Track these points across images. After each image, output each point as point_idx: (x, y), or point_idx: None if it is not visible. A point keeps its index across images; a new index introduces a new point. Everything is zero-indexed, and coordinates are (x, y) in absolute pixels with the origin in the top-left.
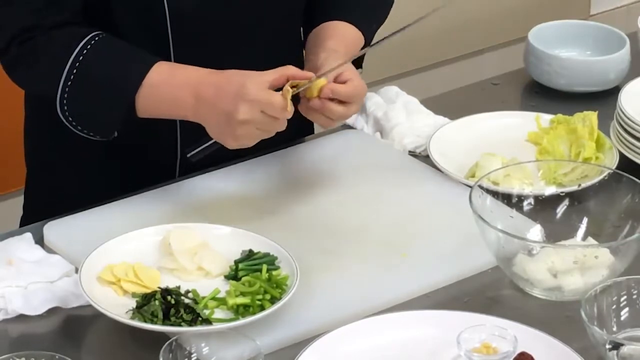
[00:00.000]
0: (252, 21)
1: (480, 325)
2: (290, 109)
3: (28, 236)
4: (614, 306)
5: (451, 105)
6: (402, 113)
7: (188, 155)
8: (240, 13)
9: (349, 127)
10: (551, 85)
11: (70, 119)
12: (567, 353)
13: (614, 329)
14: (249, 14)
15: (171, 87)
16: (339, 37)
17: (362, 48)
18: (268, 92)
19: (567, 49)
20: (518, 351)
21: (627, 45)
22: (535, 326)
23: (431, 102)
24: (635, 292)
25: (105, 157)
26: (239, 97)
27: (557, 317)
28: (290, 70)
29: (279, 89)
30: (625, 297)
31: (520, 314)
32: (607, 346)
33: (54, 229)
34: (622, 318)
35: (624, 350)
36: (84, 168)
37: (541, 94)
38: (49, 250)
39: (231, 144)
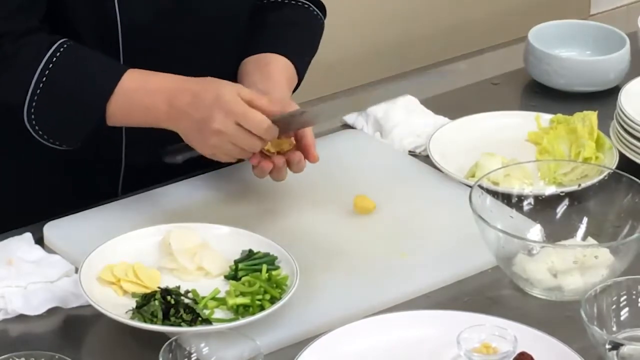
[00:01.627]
0: (201, 36)
1: (480, 325)
2: (274, 133)
3: (28, 236)
4: (614, 306)
5: (451, 105)
6: (402, 113)
7: (163, 156)
8: (190, 28)
9: (349, 127)
10: (551, 85)
11: (37, 127)
12: (567, 353)
13: (614, 329)
14: (199, 29)
15: (144, 94)
16: (279, 66)
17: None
18: (244, 103)
19: (567, 48)
20: (518, 351)
21: (627, 45)
22: (535, 326)
23: (431, 102)
24: (635, 292)
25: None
26: (215, 106)
27: (557, 317)
28: (262, 100)
29: None
30: (625, 297)
31: (520, 314)
32: (607, 346)
33: (54, 229)
34: (622, 318)
35: (624, 350)
36: (30, 179)
37: (541, 94)
38: (49, 250)
39: (206, 152)
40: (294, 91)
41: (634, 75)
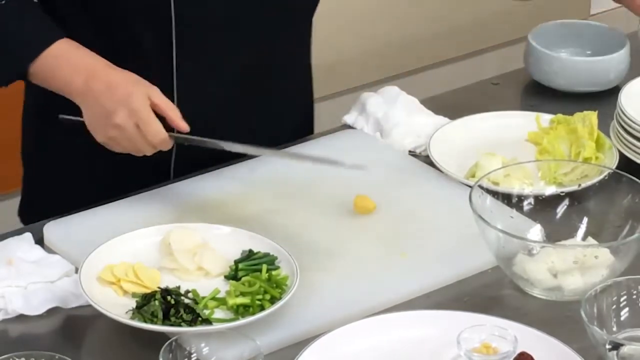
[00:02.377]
0: (253, 21)
1: (480, 325)
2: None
3: (28, 236)
4: (614, 306)
5: (451, 105)
6: (402, 113)
7: (60, 117)
8: (242, 12)
9: (349, 127)
10: (551, 85)
11: None
12: (567, 353)
13: (614, 329)
14: (251, 13)
15: (66, 66)
16: None
17: None
18: (150, 110)
19: (567, 49)
20: (518, 351)
21: (627, 45)
22: (535, 326)
23: (431, 102)
24: (635, 292)
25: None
26: (122, 103)
27: (557, 317)
28: (171, 112)
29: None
30: (625, 297)
31: (520, 314)
32: (607, 346)
33: (54, 229)
34: (622, 318)
35: (624, 350)
36: (79, 166)
37: (541, 94)
38: (49, 250)
39: (100, 139)
40: None
41: (634, 75)
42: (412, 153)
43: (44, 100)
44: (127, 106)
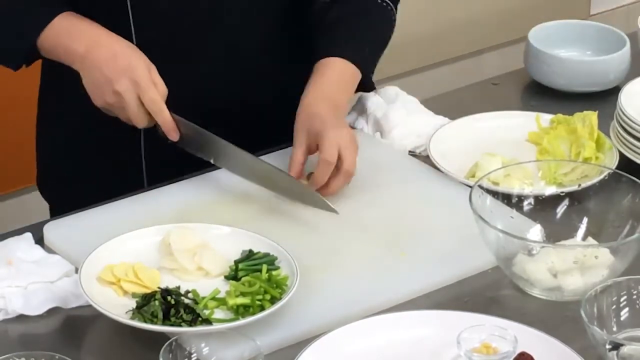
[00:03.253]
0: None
1: (480, 325)
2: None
3: (28, 236)
4: (614, 306)
5: (451, 105)
6: (402, 113)
7: None
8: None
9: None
10: (551, 85)
11: None
12: (567, 353)
13: (614, 329)
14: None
15: (69, 36)
16: (327, 70)
17: (364, 75)
18: (150, 81)
19: (567, 49)
20: (518, 351)
21: (627, 45)
22: (535, 326)
23: (431, 102)
24: (635, 292)
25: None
26: (125, 71)
27: (557, 317)
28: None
29: None
30: (625, 297)
31: (520, 314)
32: (607, 346)
33: (54, 229)
34: (622, 318)
35: (624, 350)
36: (87, 139)
37: (541, 94)
38: (49, 250)
39: (98, 104)
40: (364, 87)
41: (634, 76)
42: (412, 153)
43: (57, 77)
44: (129, 75)
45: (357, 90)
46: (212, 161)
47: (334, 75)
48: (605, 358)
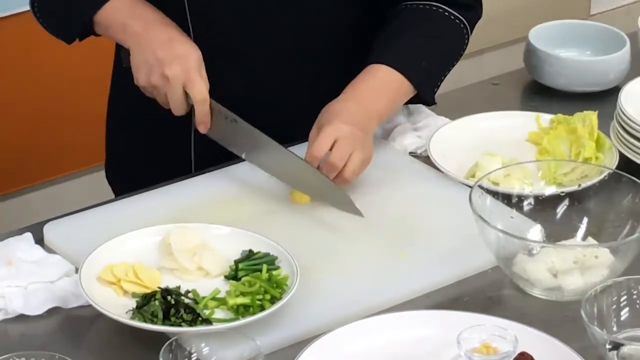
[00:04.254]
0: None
1: (480, 325)
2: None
3: (28, 236)
4: (614, 306)
5: (451, 105)
6: (403, 113)
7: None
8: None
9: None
10: (551, 85)
11: (38, 15)
12: (567, 353)
13: (614, 329)
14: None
15: (128, 15)
16: (371, 77)
17: (415, 86)
18: (202, 75)
19: (567, 49)
20: (518, 351)
21: (627, 45)
22: (535, 326)
23: None
24: (635, 292)
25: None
26: (179, 59)
27: (557, 317)
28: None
29: None
30: (625, 297)
31: (520, 314)
32: (607, 346)
33: (54, 229)
34: (622, 318)
35: (624, 350)
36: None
37: (541, 94)
38: (49, 250)
39: (140, 82)
40: (421, 99)
41: (634, 75)
42: (413, 153)
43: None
44: (181, 62)
45: (416, 103)
46: (243, 156)
47: (374, 82)
48: (605, 358)
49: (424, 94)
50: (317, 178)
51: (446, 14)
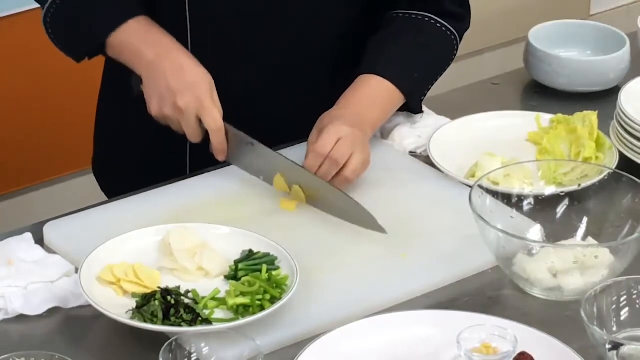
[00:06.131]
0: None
1: (480, 325)
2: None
3: (28, 236)
4: (614, 306)
5: (451, 105)
6: (403, 113)
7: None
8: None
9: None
10: (551, 85)
11: (50, 31)
12: (567, 353)
13: (614, 329)
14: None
15: (141, 40)
16: (363, 88)
17: (405, 96)
18: (214, 102)
19: (567, 49)
20: (518, 351)
21: (627, 45)
22: (535, 326)
23: (431, 102)
24: (635, 292)
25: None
26: (191, 88)
27: (557, 317)
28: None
29: None
30: (625, 297)
31: (520, 314)
32: (607, 346)
33: (54, 229)
34: (622, 318)
35: (624, 350)
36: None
37: (541, 94)
38: (49, 250)
39: (153, 112)
40: (409, 108)
41: (634, 75)
42: (413, 153)
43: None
44: (193, 92)
45: (403, 111)
46: (261, 179)
47: (367, 92)
48: (605, 358)
49: (413, 104)
50: (340, 198)
51: (438, 25)
